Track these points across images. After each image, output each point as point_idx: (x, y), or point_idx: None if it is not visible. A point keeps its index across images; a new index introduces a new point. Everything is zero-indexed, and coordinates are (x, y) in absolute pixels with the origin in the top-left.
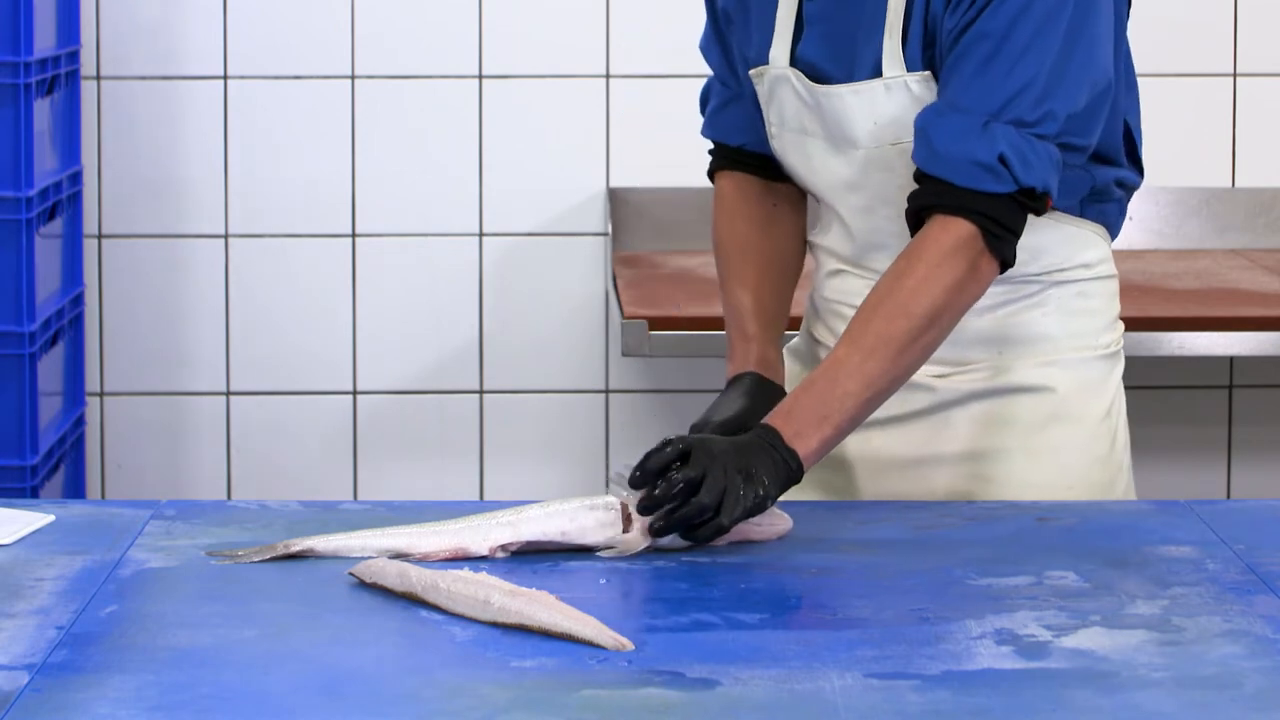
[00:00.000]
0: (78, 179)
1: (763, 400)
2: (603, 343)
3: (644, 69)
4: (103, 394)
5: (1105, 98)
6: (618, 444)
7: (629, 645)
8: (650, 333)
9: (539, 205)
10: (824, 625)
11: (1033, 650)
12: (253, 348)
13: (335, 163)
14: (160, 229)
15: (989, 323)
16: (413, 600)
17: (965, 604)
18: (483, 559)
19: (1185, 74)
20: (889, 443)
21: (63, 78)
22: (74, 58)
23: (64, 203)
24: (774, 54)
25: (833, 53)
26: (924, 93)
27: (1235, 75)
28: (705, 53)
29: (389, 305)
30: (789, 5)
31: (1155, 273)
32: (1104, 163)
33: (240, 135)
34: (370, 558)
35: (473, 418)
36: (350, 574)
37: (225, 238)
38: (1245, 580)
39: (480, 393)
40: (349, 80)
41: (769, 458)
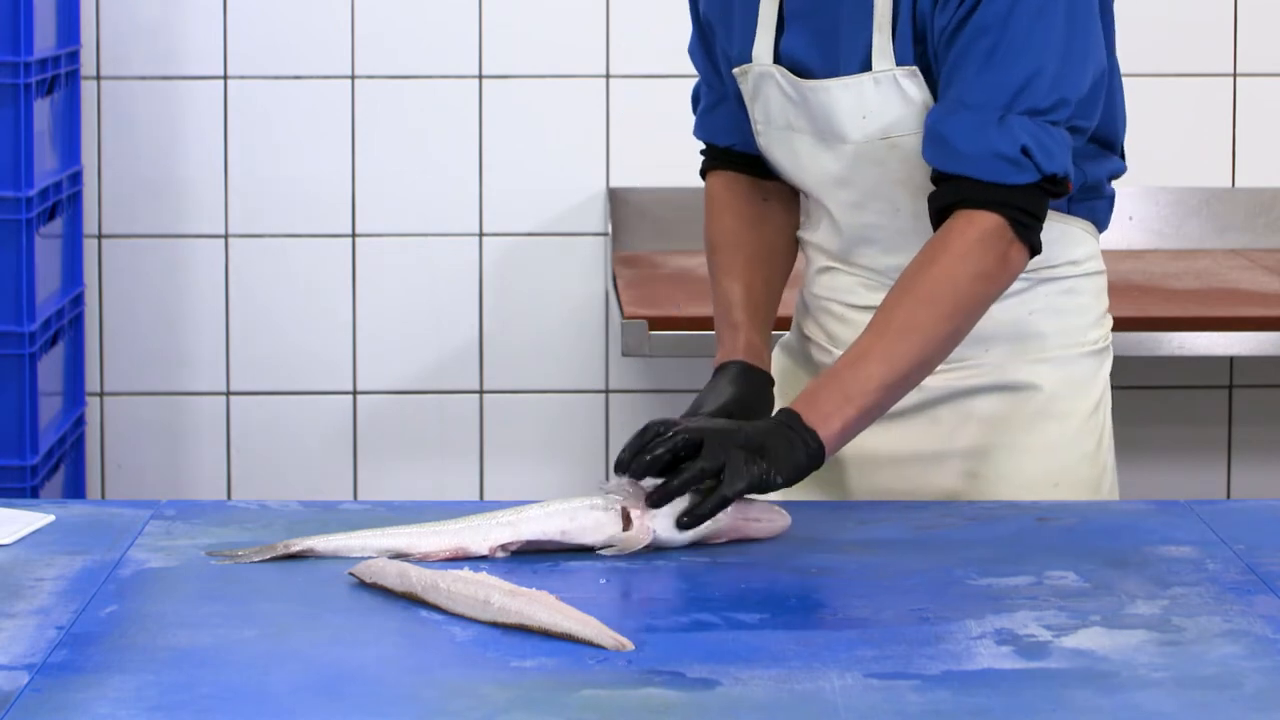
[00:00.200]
0: (78, 179)
1: (750, 387)
2: (603, 343)
3: (644, 69)
4: (103, 394)
5: (1103, 80)
6: (618, 444)
7: (629, 645)
8: (650, 333)
9: (539, 205)
10: (824, 625)
11: (1033, 650)
12: (253, 348)
13: (335, 163)
14: (160, 229)
15: (980, 321)
16: (413, 600)
17: (965, 604)
18: (482, 559)
19: (1185, 74)
20: (879, 440)
21: (63, 78)
22: (74, 58)
23: (64, 203)
24: (757, 51)
25: (818, 47)
26: (912, 87)
27: (1235, 75)
28: (692, 55)
29: (389, 305)
30: (771, 2)
31: (1155, 273)
32: (1104, 147)
33: (240, 135)
34: (370, 558)
35: (473, 418)
36: (350, 574)
37: (225, 238)
38: (1245, 580)
39: (480, 393)
40: (349, 80)
41: (784, 438)
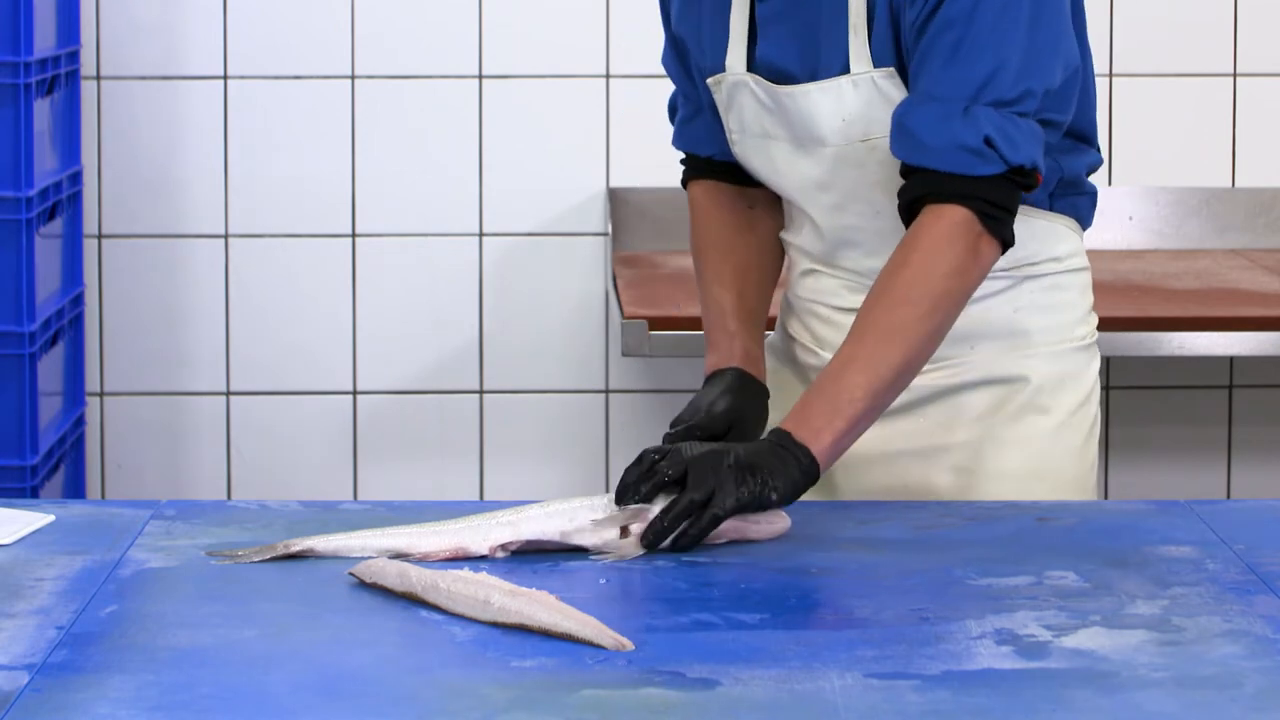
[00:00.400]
0: (78, 179)
1: (746, 395)
2: (603, 343)
3: (644, 69)
4: (103, 394)
5: (1077, 75)
6: (618, 444)
7: (629, 645)
8: (650, 333)
9: (539, 205)
10: (824, 625)
11: (1033, 650)
12: (253, 348)
13: (335, 163)
14: (160, 229)
15: (964, 319)
16: (413, 600)
17: (965, 604)
18: (482, 559)
19: (1185, 74)
20: (870, 438)
21: (63, 78)
22: (74, 58)
23: (64, 203)
24: (730, 60)
25: (795, 52)
26: (891, 88)
27: (1235, 75)
28: (666, 67)
29: (389, 305)
30: (742, 10)
31: (1155, 273)
32: (1079, 140)
33: (240, 135)
34: (370, 557)
35: (473, 418)
36: (350, 574)
37: (225, 238)
38: (1245, 580)
39: (480, 393)
40: (349, 80)
41: (777, 458)
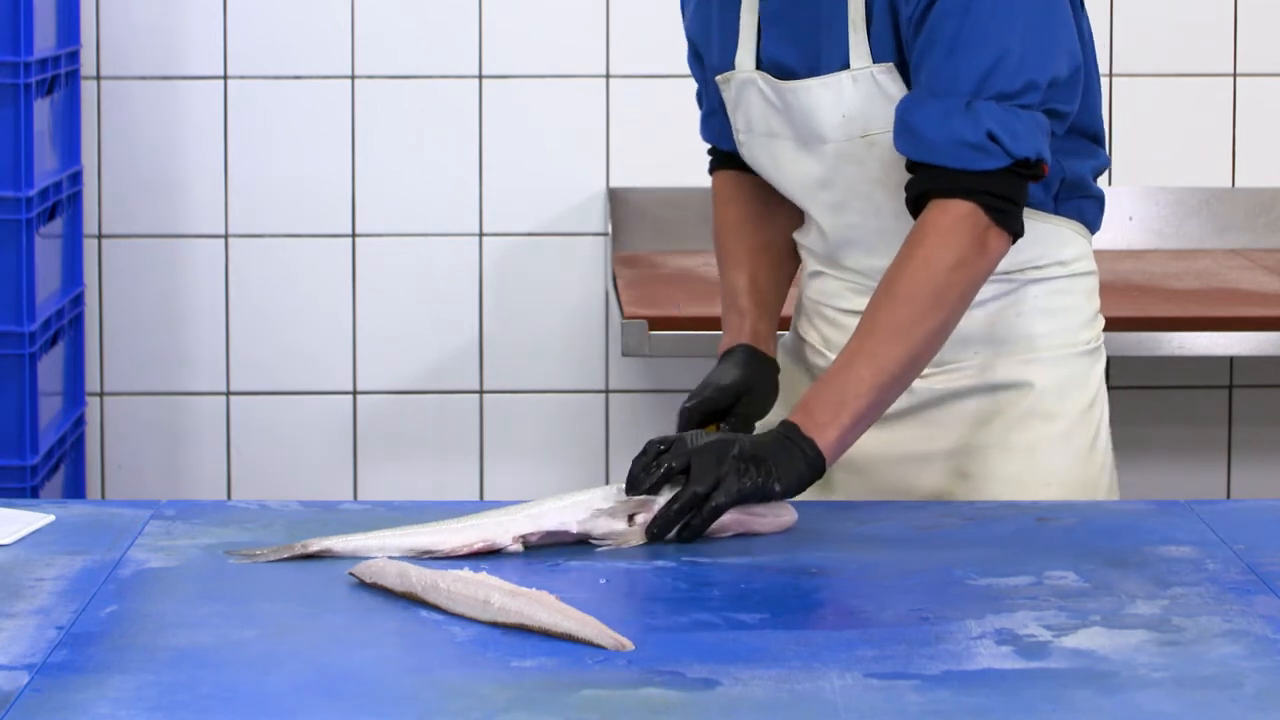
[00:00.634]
0: (78, 179)
1: (756, 371)
2: (603, 343)
3: (644, 69)
4: (103, 394)
5: (1080, 66)
6: (618, 444)
7: (629, 645)
8: (650, 333)
9: (539, 205)
10: (824, 625)
11: (1033, 650)
12: (253, 348)
13: (335, 163)
14: (160, 229)
15: (966, 323)
16: (413, 600)
17: (965, 604)
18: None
19: (1185, 74)
20: (870, 441)
21: (63, 78)
22: (74, 58)
23: (64, 203)
24: (740, 58)
25: (797, 48)
26: (890, 84)
27: (1235, 75)
28: (690, 66)
29: (389, 305)
30: (751, 8)
31: (1155, 273)
32: (1084, 140)
33: (240, 135)
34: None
35: (473, 418)
36: (350, 574)
37: (225, 238)
38: (1245, 580)
39: (480, 393)
40: (349, 80)
41: (783, 449)
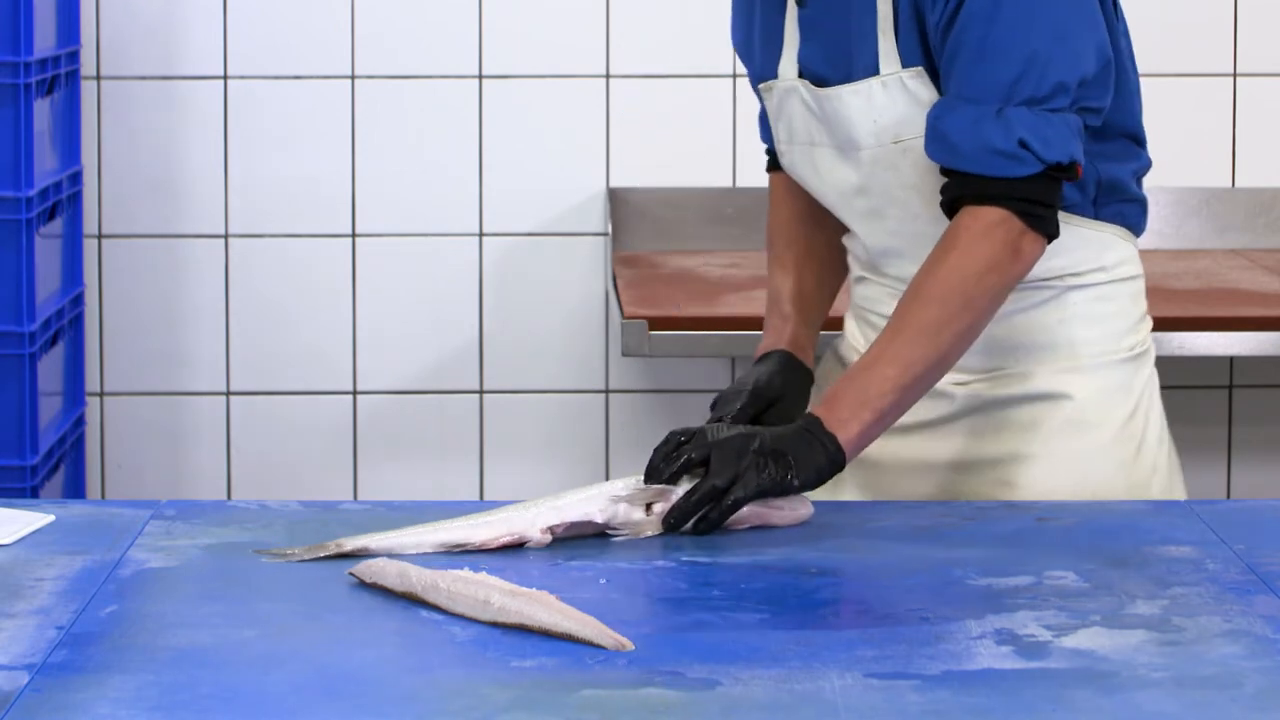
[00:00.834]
0: (78, 179)
1: (791, 378)
2: (603, 343)
3: (644, 69)
4: (103, 394)
5: (1111, 61)
6: (618, 444)
7: (629, 645)
8: (650, 333)
9: (539, 205)
10: (824, 625)
11: (1033, 650)
12: (253, 348)
13: (335, 163)
14: (160, 229)
15: (1007, 329)
16: (413, 600)
17: (965, 604)
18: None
19: (1185, 74)
20: (913, 448)
21: (63, 78)
22: (74, 58)
23: (64, 203)
24: (782, 67)
25: (830, 55)
26: (920, 88)
27: (1235, 75)
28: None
29: (389, 305)
30: (792, 18)
31: (1155, 273)
32: (1123, 140)
33: (240, 135)
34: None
35: (473, 418)
36: (350, 574)
37: (225, 238)
38: (1245, 580)
39: (480, 393)
40: (349, 80)
41: (804, 442)
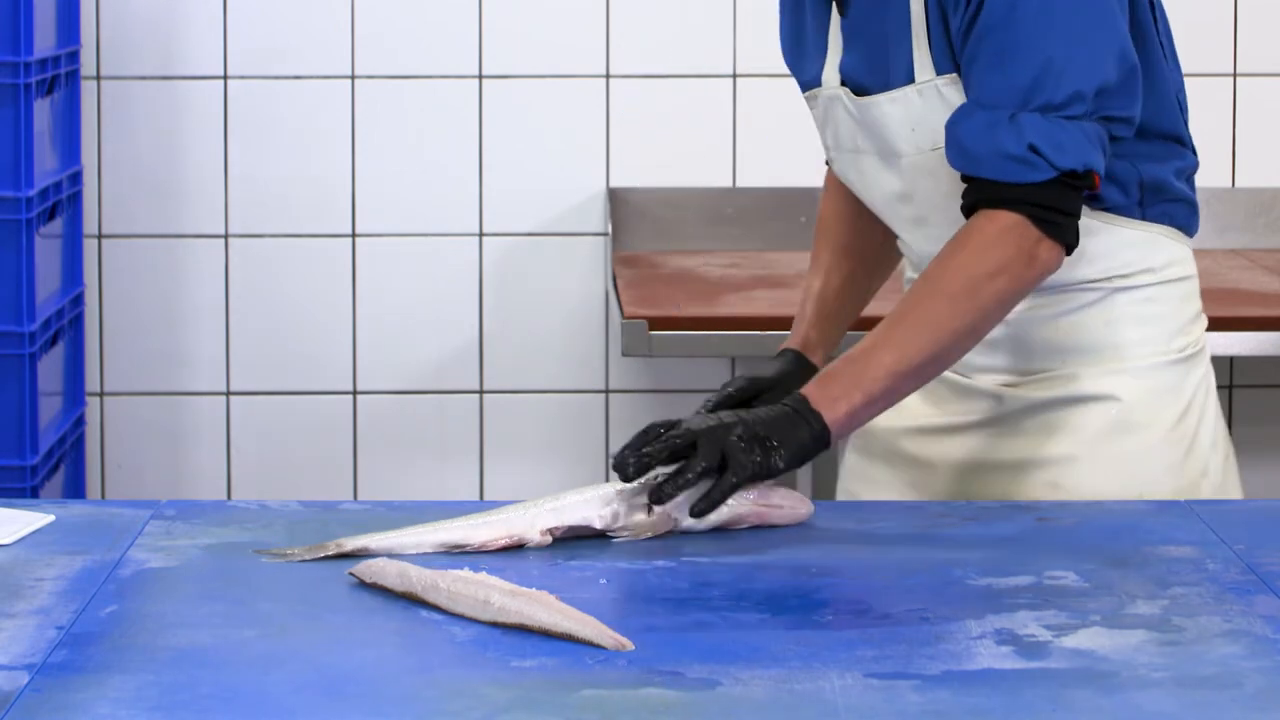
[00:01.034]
0: (78, 179)
1: (790, 369)
2: (603, 343)
3: (644, 69)
4: (103, 394)
5: (1136, 69)
6: (618, 444)
7: (629, 645)
8: (650, 333)
9: (539, 205)
10: (824, 625)
11: (1033, 650)
12: (253, 348)
13: (335, 163)
14: (160, 229)
15: (1053, 332)
16: (413, 600)
17: (965, 604)
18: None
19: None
20: (962, 449)
21: (63, 78)
22: (74, 58)
23: (64, 203)
24: (826, 75)
25: (870, 63)
26: (955, 95)
27: (1235, 75)
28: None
29: (389, 305)
30: (836, 26)
31: None
32: (1166, 142)
33: (240, 135)
34: (426, 553)
35: (473, 418)
36: (350, 574)
37: (225, 238)
38: (1245, 580)
39: (480, 393)
40: (349, 80)
41: (788, 421)
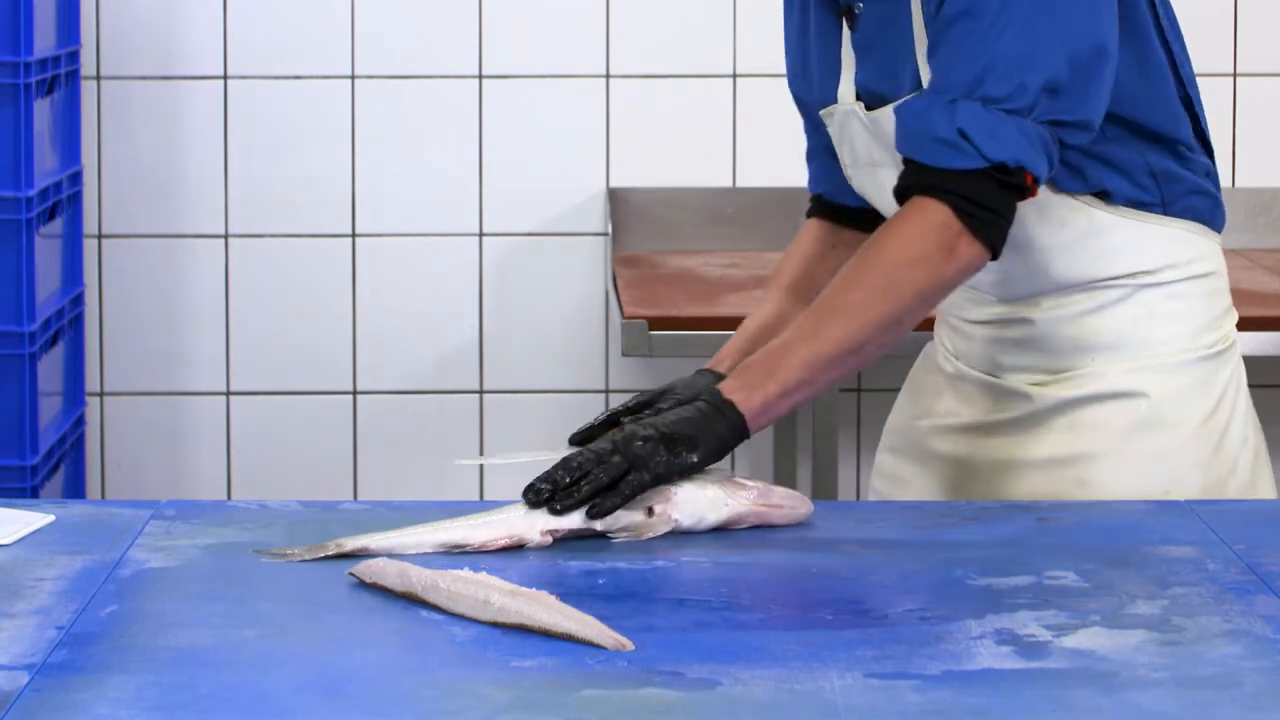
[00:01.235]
0: (78, 179)
1: (693, 379)
2: (603, 343)
3: (644, 69)
4: (103, 394)
5: (1098, 68)
6: None
7: (629, 645)
8: (650, 333)
9: (539, 205)
10: (824, 625)
11: (1033, 650)
12: (253, 348)
13: (335, 163)
14: (160, 229)
15: (1080, 329)
16: (413, 600)
17: (965, 604)
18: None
19: None
20: (990, 448)
21: (63, 78)
22: (74, 58)
23: (64, 203)
24: (841, 90)
25: (882, 75)
26: None
27: (1235, 75)
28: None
29: (389, 305)
30: (848, 42)
31: None
32: (1176, 144)
33: (240, 135)
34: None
35: (473, 418)
36: (350, 574)
37: (225, 238)
38: (1245, 580)
39: (480, 393)
40: (349, 80)
41: (701, 416)
